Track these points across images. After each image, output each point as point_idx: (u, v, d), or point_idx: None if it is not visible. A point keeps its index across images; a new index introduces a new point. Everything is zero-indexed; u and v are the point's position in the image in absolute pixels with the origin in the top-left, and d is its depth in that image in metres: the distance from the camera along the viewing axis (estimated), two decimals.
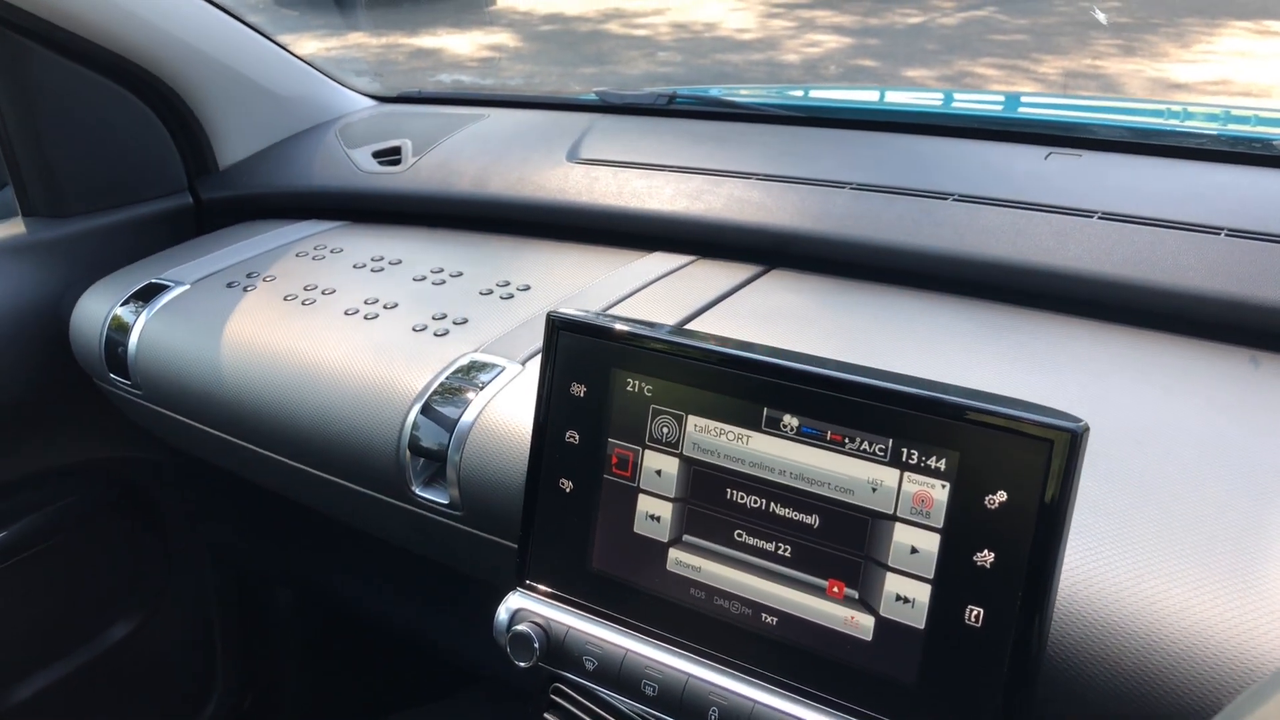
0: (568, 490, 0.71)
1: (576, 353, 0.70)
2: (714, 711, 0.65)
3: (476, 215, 1.24)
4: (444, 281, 1.09)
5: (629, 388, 0.68)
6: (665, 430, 0.67)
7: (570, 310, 0.71)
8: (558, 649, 0.71)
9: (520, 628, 0.71)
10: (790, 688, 0.63)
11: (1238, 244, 0.90)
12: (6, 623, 1.26)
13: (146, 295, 1.14)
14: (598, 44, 6.91)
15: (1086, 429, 0.54)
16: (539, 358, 0.91)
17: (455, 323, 0.99)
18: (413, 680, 1.72)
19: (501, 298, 1.04)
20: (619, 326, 0.68)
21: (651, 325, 0.69)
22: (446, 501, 0.88)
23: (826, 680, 0.62)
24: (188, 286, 1.15)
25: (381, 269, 1.14)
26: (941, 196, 1.04)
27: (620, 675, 0.68)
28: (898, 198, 1.06)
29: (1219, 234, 0.92)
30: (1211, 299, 0.87)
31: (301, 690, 1.60)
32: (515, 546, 0.74)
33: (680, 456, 0.67)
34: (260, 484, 1.14)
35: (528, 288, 1.06)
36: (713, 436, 0.65)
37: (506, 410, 0.86)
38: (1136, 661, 0.58)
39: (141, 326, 1.10)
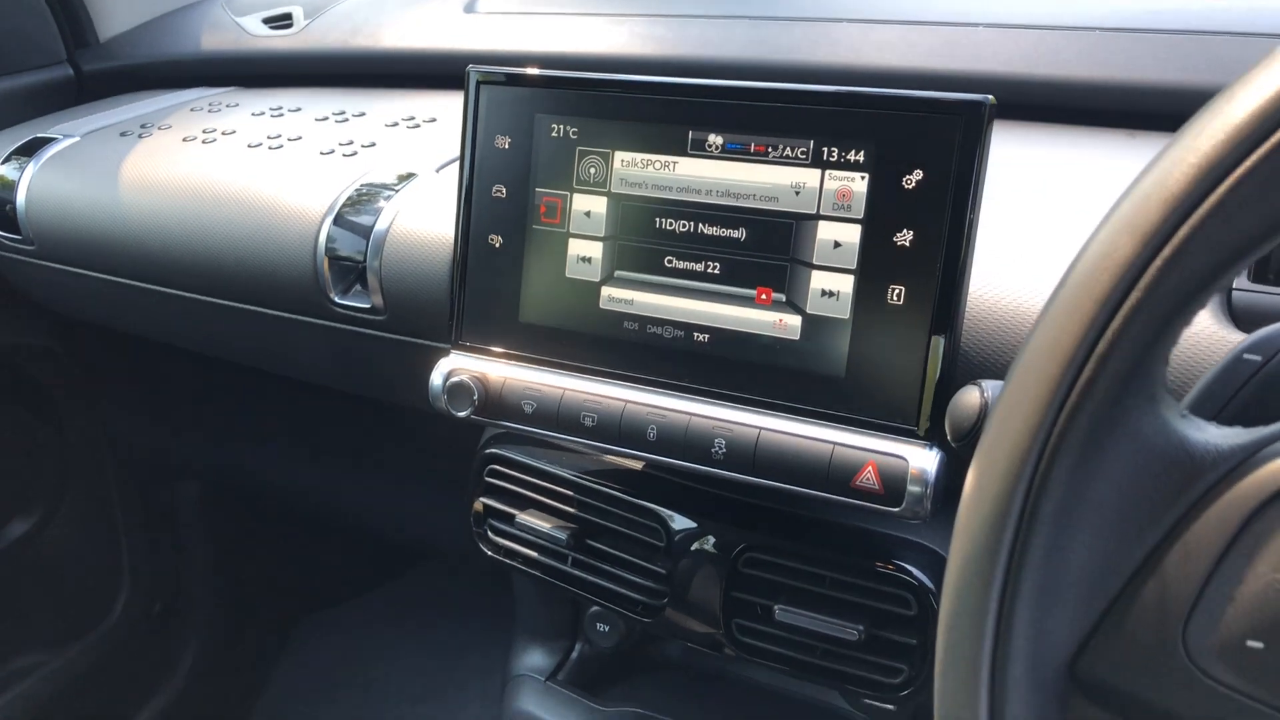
0: (497, 245, 0.72)
1: (498, 104, 0.71)
2: (652, 430, 0.67)
3: (374, 72, 1.23)
4: (346, 120, 1.08)
5: (554, 133, 0.69)
6: (592, 171, 0.69)
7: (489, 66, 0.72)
8: (496, 399, 0.72)
9: (457, 378, 0.72)
10: (724, 396, 0.66)
11: (1109, 36, 0.97)
12: None
13: (30, 150, 1.10)
14: None
15: (993, 102, 0.58)
16: (453, 166, 0.92)
17: (363, 146, 0.99)
18: (332, 568, 1.70)
19: (408, 128, 1.04)
20: (540, 72, 0.70)
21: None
22: (368, 306, 0.88)
23: (760, 385, 0.65)
24: (77, 139, 1.11)
25: (281, 114, 1.12)
26: (836, 20, 1.08)
27: (559, 413, 0.70)
28: (795, 24, 1.09)
29: (1093, 31, 0.98)
30: (1088, 85, 0.93)
31: (212, 591, 1.56)
32: (438, 346, 0.74)
33: (609, 194, 0.68)
34: (166, 339, 1.11)
35: (434, 120, 1.06)
36: (640, 169, 0.67)
37: (421, 214, 0.86)
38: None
39: (30, 178, 1.06)
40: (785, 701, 0.93)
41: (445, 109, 1.10)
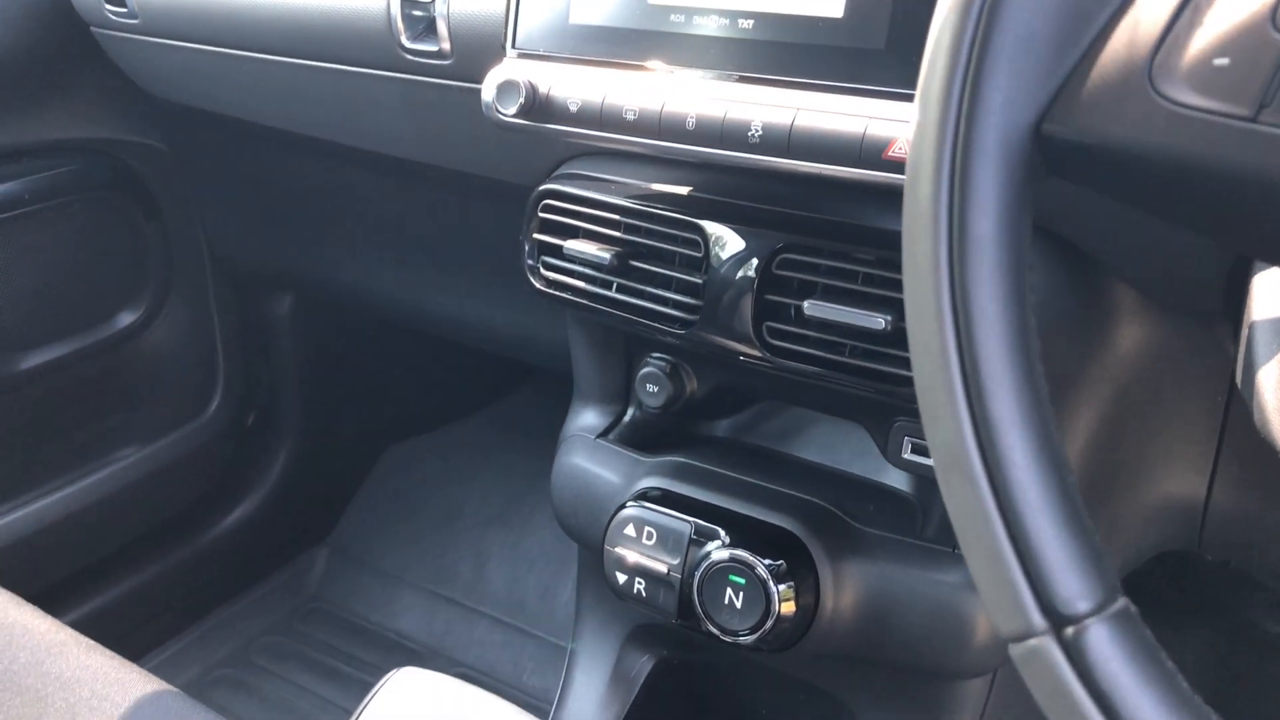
0: None
1: None
2: (691, 120, 0.67)
3: None
4: None
5: None
6: None
7: None
8: (543, 101, 0.73)
9: (506, 78, 0.73)
10: (765, 81, 0.66)
11: None
12: (12, 286, 1.29)
13: None
14: None
15: None
16: None
17: None
18: (422, 391, 1.77)
19: None
20: None
21: None
22: (436, 50, 0.90)
23: (801, 65, 0.65)
24: None
25: None
26: None
27: (602, 110, 0.71)
28: None
29: None
30: None
31: (302, 407, 1.64)
32: None
33: None
34: (258, 114, 1.16)
35: None
36: None
37: None
38: None
39: None
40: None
41: None
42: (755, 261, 0.72)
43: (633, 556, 0.84)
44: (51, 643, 0.86)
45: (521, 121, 0.74)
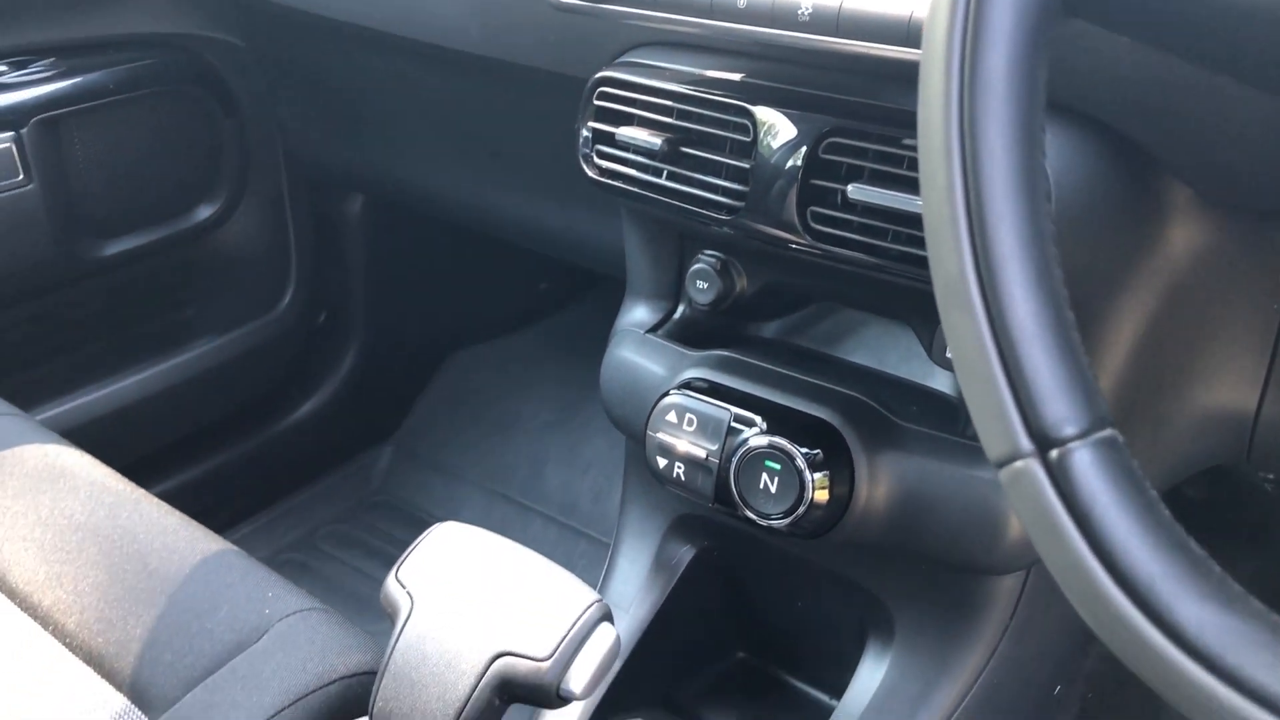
0: None
1: None
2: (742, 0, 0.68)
3: None
4: None
5: None
6: None
7: None
8: None
9: None
10: None
11: None
12: (98, 175, 1.34)
13: None
14: None
15: None
16: None
17: None
18: (487, 299, 1.81)
19: None
20: None
21: None
22: None
23: None
24: None
25: None
26: None
27: None
28: None
29: None
30: None
31: (371, 309, 1.69)
32: None
33: None
34: (327, 12, 1.18)
35: None
36: None
37: None
38: None
39: None
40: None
41: None
42: (802, 146, 0.72)
43: (673, 442, 0.87)
44: (129, 499, 0.91)
45: (578, 2, 0.75)
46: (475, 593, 0.63)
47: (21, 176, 1.24)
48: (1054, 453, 0.34)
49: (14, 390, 1.06)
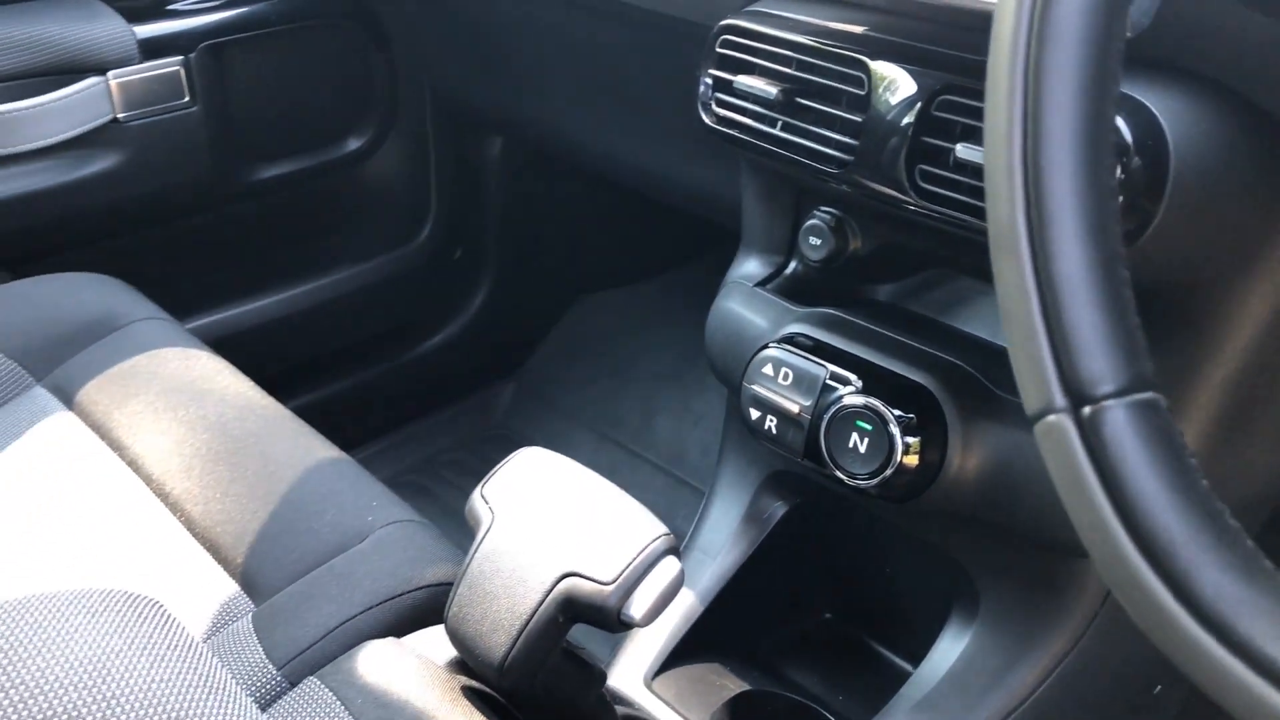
0: None
1: None
2: None
3: None
4: None
5: None
6: None
7: None
8: None
9: None
10: None
11: None
12: (256, 102, 1.42)
13: None
14: None
15: None
16: None
17: None
18: (618, 246, 1.83)
19: None
20: None
21: None
22: None
23: None
24: None
25: None
26: None
27: None
28: None
29: None
30: None
31: (505, 247, 1.74)
32: None
33: None
34: None
35: None
36: None
37: None
38: None
39: None
40: None
41: None
42: (916, 103, 0.71)
43: (767, 395, 0.87)
44: (260, 406, 0.98)
45: None
46: (551, 514, 0.66)
47: (187, 99, 1.32)
48: (1087, 409, 0.33)
49: (168, 299, 1.15)
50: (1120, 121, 0.62)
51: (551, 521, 0.65)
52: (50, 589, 0.73)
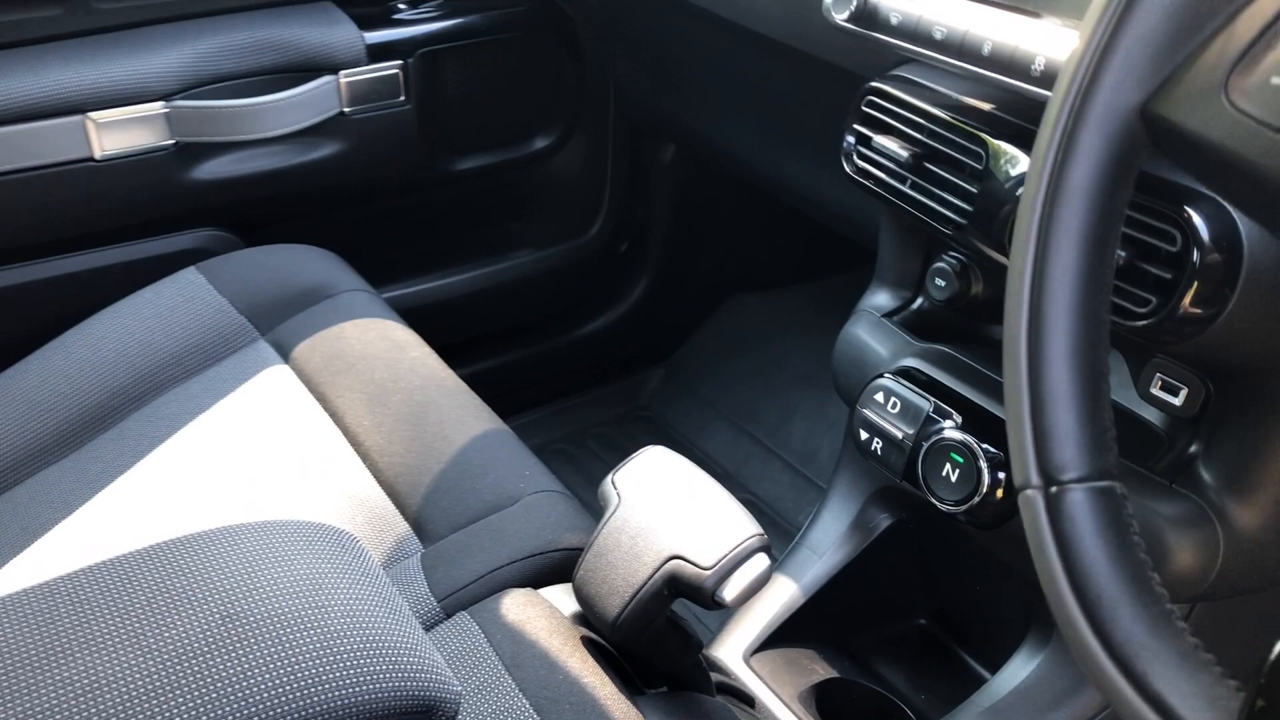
0: None
1: None
2: (987, 45, 0.76)
3: None
4: None
5: None
6: None
7: None
8: (870, 12, 0.85)
9: None
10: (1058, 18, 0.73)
11: None
12: (463, 100, 1.60)
13: None
14: None
15: None
16: None
17: None
18: (776, 251, 1.94)
19: None
20: None
21: None
22: None
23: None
24: None
25: None
26: None
27: (917, 27, 0.81)
28: None
29: None
30: None
31: (667, 245, 1.87)
32: None
33: None
34: None
35: None
36: None
37: None
38: None
39: None
40: None
41: None
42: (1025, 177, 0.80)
43: (877, 419, 0.98)
44: (439, 374, 1.15)
45: (851, 26, 0.86)
46: (667, 505, 0.79)
47: (403, 98, 1.51)
48: (1054, 489, 0.44)
49: (368, 269, 1.33)
50: (1199, 219, 0.70)
51: (667, 511, 0.79)
52: (271, 516, 0.92)
